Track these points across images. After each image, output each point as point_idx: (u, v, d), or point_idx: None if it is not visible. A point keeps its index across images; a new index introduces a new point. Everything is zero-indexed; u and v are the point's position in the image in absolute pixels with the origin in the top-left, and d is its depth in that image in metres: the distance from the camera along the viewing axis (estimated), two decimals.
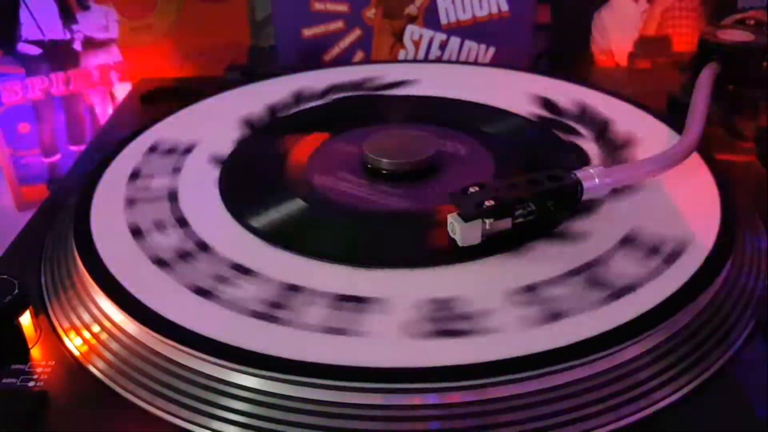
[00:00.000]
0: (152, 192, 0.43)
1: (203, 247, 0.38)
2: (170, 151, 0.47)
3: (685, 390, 0.31)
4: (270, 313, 0.33)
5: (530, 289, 0.34)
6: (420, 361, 0.30)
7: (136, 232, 0.39)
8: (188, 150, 0.47)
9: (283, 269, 0.36)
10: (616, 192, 0.40)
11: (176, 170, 0.45)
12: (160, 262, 0.37)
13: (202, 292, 0.35)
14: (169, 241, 0.39)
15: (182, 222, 0.40)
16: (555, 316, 0.32)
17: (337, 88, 0.55)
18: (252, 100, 0.53)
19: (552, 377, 0.30)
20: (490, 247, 0.36)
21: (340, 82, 0.56)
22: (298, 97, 0.54)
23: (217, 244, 0.38)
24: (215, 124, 0.50)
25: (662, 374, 0.31)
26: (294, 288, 0.35)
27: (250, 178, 0.44)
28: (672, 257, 0.35)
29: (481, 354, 0.30)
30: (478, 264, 0.36)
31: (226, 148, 0.47)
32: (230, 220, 0.40)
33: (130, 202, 0.42)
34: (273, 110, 0.52)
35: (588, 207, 0.39)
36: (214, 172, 0.45)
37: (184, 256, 0.37)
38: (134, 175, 0.45)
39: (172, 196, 0.42)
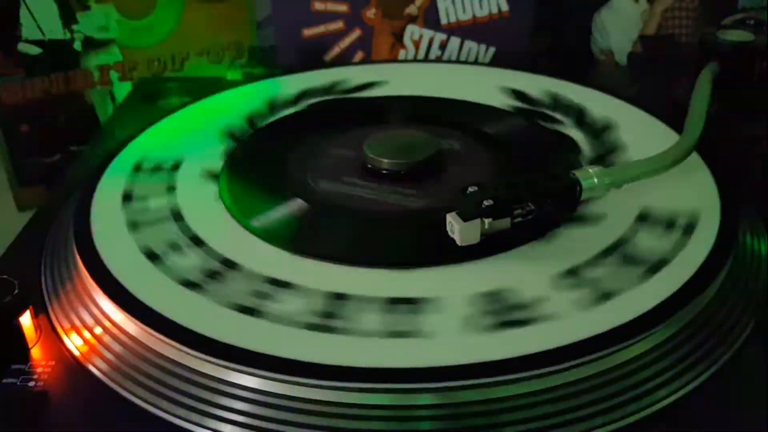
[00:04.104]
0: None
1: (198, 242, 0.38)
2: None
3: (684, 390, 0.31)
4: (271, 312, 0.33)
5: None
6: (419, 362, 0.30)
7: (133, 223, 0.40)
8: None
9: (281, 267, 0.36)
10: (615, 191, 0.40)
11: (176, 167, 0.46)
12: (153, 253, 0.37)
13: (203, 291, 0.35)
14: (163, 233, 0.39)
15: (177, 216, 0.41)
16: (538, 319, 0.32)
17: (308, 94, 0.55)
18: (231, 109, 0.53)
19: (546, 379, 0.30)
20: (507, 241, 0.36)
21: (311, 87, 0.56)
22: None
23: (211, 239, 0.38)
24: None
25: (662, 374, 0.31)
26: (285, 285, 0.35)
27: (251, 177, 0.44)
28: (671, 257, 0.36)
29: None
30: (503, 257, 0.36)
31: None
32: (228, 217, 0.40)
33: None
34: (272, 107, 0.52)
35: (585, 205, 0.39)
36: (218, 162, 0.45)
37: (175, 247, 0.38)
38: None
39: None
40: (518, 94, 0.52)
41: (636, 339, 0.31)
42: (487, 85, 0.53)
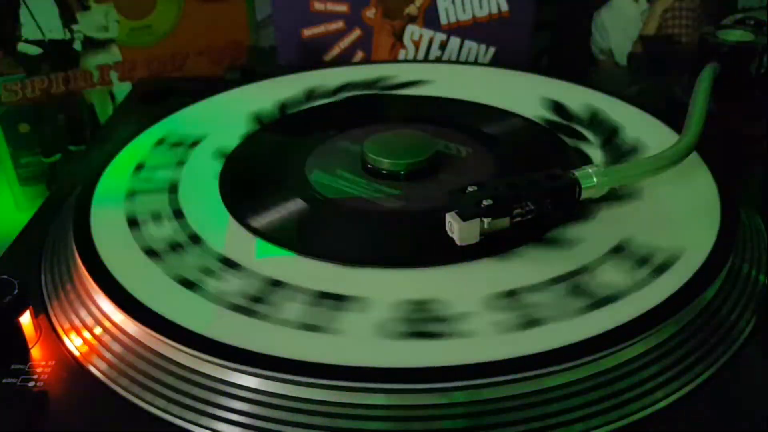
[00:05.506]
0: (154, 183, 0.44)
1: (196, 240, 0.38)
2: (177, 144, 0.48)
3: (685, 390, 0.31)
4: (271, 312, 0.33)
5: (511, 294, 0.34)
6: (420, 361, 0.30)
7: (133, 223, 0.40)
8: (195, 144, 0.48)
9: (281, 268, 0.36)
10: (614, 191, 0.40)
11: (180, 163, 0.46)
12: (153, 253, 0.37)
13: (203, 291, 0.35)
14: (163, 233, 0.39)
15: (178, 214, 0.41)
16: (531, 323, 0.32)
17: (350, 87, 0.55)
18: (264, 97, 0.54)
19: (550, 378, 0.30)
20: (476, 250, 0.36)
21: (353, 80, 0.56)
22: (310, 95, 0.54)
23: (210, 237, 0.39)
24: (224, 119, 0.51)
25: (662, 374, 0.31)
26: (277, 283, 0.35)
27: (251, 173, 0.44)
28: (671, 257, 0.36)
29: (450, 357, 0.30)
30: (462, 267, 0.36)
31: (231, 143, 0.48)
32: (227, 215, 0.40)
33: (131, 194, 0.43)
34: (283, 107, 0.52)
35: (583, 209, 0.39)
36: (217, 166, 0.45)
37: (175, 247, 0.38)
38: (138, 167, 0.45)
39: (173, 188, 0.43)
40: (556, 106, 0.51)
41: (637, 339, 0.31)
42: (529, 94, 0.52)
